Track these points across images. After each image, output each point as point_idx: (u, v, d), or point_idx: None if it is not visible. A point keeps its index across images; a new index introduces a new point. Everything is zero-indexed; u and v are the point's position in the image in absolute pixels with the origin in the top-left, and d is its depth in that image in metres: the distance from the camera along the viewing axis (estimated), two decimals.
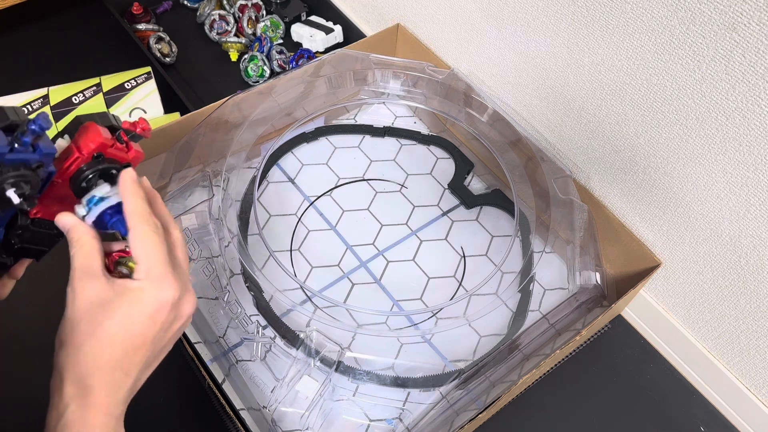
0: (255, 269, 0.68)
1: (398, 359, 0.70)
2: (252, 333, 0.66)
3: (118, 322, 0.41)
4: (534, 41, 0.73)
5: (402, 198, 0.84)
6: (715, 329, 0.72)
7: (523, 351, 0.68)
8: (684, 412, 0.75)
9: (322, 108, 0.86)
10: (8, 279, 0.49)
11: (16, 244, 0.45)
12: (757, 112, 0.54)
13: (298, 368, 0.65)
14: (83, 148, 0.44)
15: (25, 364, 0.73)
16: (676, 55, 0.58)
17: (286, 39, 1.09)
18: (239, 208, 0.78)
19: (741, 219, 0.62)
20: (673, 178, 0.66)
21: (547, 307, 0.75)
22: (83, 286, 0.42)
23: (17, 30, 1.07)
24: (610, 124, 0.70)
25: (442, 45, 0.89)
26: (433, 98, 0.85)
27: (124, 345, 0.42)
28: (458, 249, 0.80)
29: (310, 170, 0.86)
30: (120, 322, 0.41)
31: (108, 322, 0.41)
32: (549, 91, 0.75)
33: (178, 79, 1.02)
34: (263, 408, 0.64)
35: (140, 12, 1.06)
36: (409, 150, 0.89)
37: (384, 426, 0.66)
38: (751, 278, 0.65)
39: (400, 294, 0.75)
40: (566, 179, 0.76)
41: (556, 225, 0.76)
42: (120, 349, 0.42)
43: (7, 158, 0.38)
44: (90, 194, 0.45)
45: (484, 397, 0.65)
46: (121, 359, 0.42)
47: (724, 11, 0.52)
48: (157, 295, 0.42)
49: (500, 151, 0.80)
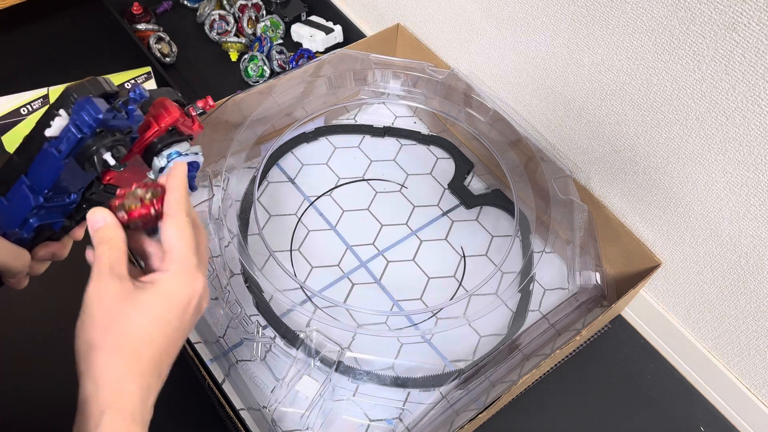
0: (255, 269, 0.68)
1: (398, 359, 0.70)
2: (252, 333, 0.66)
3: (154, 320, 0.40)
4: (534, 41, 0.73)
5: (402, 198, 0.84)
6: (715, 329, 0.72)
7: (523, 351, 0.68)
8: (684, 412, 0.75)
9: (322, 108, 0.86)
10: (68, 239, 0.50)
11: (87, 207, 0.46)
12: (757, 112, 0.54)
13: (298, 368, 0.65)
14: (162, 123, 0.48)
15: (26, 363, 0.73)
16: (676, 55, 0.58)
17: (286, 39, 1.09)
18: (239, 208, 0.78)
19: (741, 219, 0.62)
20: (673, 178, 0.66)
21: (547, 307, 0.76)
22: (113, 285, 0.41)
23: (17, 30, 1.07)
24: (610, 124, 0.70)
25: (442, 45, 0.89)
26: (433, 98, 0.85)
27: (160, 344, 0.40)
28: (458, 249, 0.80)
29: (310, 170, 0.86)
30: (155, 320, 0.40)
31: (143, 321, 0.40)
32: (549, 91, 0.75)
33: (178, 79, 1.02)
34: (263, 408, 0.64)
35: (140, 12, 1.06)
36: (409, 150, 0.89)
37: (384, 426, 0.66)
38: (751, 278, 0.65)
39: (400, 294, 0.75)
40: (566, 179, 0.76)
41: (556, 225, 0.76)
42: (157, 349, 0.40)
43: (110, 124, 0.42)
44: (171, 149, 0.48)
45: (484, 397, 0.65)
46: (159, 361, 0.41)
47: (724, 11, 0.52)
48: (189, 286, 0.42)
49: (500, 151, 0.80)
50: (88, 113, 0.41)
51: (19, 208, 0.44)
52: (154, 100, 0.48)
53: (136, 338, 0.40)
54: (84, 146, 0.42)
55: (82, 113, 0.41)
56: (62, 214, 0.47)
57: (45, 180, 0.43)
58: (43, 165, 0.43)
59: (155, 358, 0.40)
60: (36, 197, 0.44)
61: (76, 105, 0.41)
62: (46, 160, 0.43)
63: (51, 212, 0.46)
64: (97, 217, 0.43)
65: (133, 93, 0.44)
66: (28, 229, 0.45)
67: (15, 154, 0.44)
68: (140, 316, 0.40)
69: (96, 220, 0.43)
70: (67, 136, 0.42)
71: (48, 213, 0.45)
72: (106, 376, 0.39)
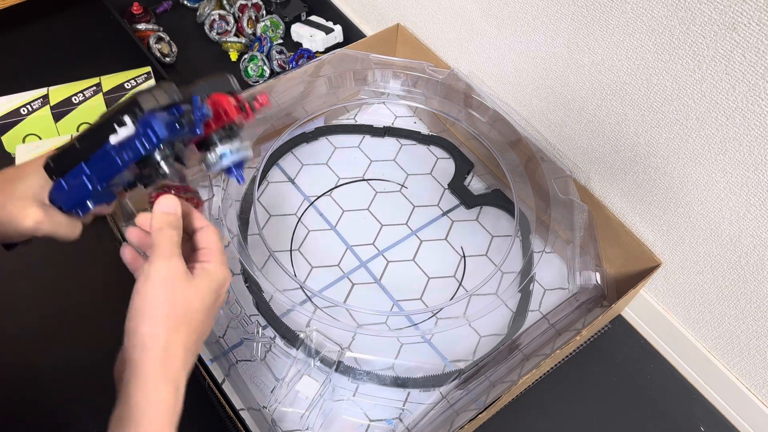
0: (255, 269, 0.68)
1: (398, 359, 0.70)
2: (252, 333, 0.66)
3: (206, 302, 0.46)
4: (534, 41, 0.73)
5: (402, 198, 0.84)
6: (715, 329, 0.72)
7: (523, 351, 0.68)
8: (684, 412, 0.75)
9: (322, 108, 0.86)
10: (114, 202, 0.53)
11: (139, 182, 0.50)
12: (757, 112, 0.54)
13: (298, 368, 0.65)
14: (218, 122, 0.49)
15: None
16: (676, 55, 0.58)
17: (286, 39, 1.09)
18: (239, 208, 0.78)
19: (741, 219, 0.62)
20: (673, 178, 0.66)
21: (547, 307, 0.75)
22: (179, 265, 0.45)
23: (17, 30, 1.07)
24: (610, 124, 0.70)
25: (442, 45, 0.89)
26: (433, 98, 0.85)
27: (202, 322, 0.46)
28: (458, 249, 0.80)
29: (310, 170, 0.86)
30: (207, 303, 0.46)
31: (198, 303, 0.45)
32: (549, 91, 0.75)
33: (178, 79, 1.02)
34: (263, 408, 0.64)
35: (140, 12, 1.06)
36: (409, 150, 0.89)
37: (384, 426, 0.66)
38: (751, 278, 0.65)
39: (400, 294, 0.75)
40: (566, 179, 0.76)
41: (556, 225, 0.76)
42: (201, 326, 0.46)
43: (174, 137, 0.45)
44: (224, 147, 0.50)
45: (484, 397, 0.65)
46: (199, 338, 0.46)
47: (724, 11, 0.52)
48: (222, 274, 0.48)
49: (500, 151, 0.80)
50: (154, 131, 0.44)
51: (77, 193, 0.48)
52: (211, 98, 0.50)
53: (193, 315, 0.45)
54: (146, 156, 0.45)
55: (148, 131, 0.44)
56: (115, 196, 0.51)
57: (104, 176, 0.47)
58: (104, 162, 0.46)
59: (200, 337, 0.46)
60: (94, 187, 0.47)
61: (143, 121, 0.44)
62: (107, 159, 0.46)
63: (106, 195, 0.49)
64: (169, 203, 0.48)
65: (199, 112, 0.46)
66: (84, 211, 0.49)
67: (77, 141, 0.47)
68: (196, 299, 0.45)
69: (168, 205, 0.48)
70: (132, 148, 0.45)
71: (103, 196, 0.49)
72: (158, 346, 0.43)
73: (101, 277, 0.80)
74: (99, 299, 0.78)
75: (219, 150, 0.50)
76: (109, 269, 0.79)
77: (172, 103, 0.46)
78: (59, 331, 0.75)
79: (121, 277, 0.49)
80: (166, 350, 0.43)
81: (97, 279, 0.79)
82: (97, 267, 0.80)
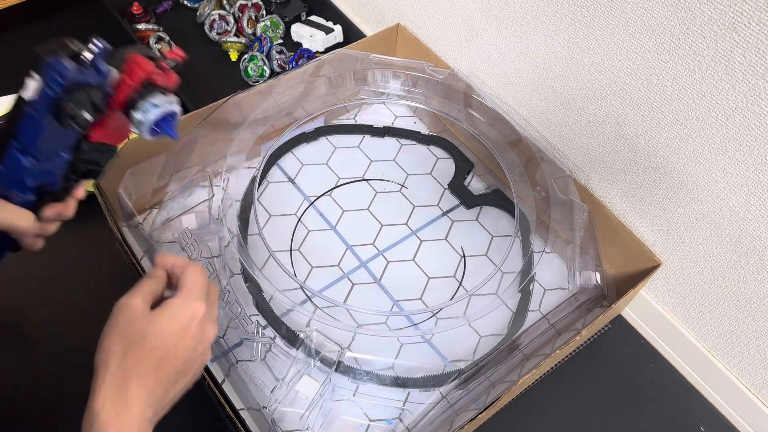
0: (255, 269, 0.68)
1: (398, 359, 0.70)
2: (252, 333, 0.66)
3: (159, 331, 0.47)
4: (534, 41, 0.73)
5: (402, 198, 0.84)
6: (715, 329, 0.72)
7: (523, 351, 0.68)
8: (684, 412, 0.75)
9: (322, 108, 0.86)
10: (72, 199, 0.55)
11: (82, 167, 0.51)
12: (757, 112, 0.54)
13: (298, 368, 0.65)
14: (134, 77, 0.49)
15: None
16: (676, 55, 0.58)
17: (286, 39, 1.09)
18: (239, 208, 0.78)
19: (741, 219, 0.62)
20: (673, 178, 0.66)
21: (547, 307, 0.75)
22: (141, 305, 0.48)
23: (17, 30, 1.07)
24: (610, 124, 0.70)
25: (442, 45, 0.89)
26: (433, 98, 0.85)
27: (159, 353, 0.46)
28: (458, 249, 0.80)
29: (310, 170, 0.86)
30: (159, 332, 0.47)
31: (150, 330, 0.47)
32: (549, 91, 0.75)
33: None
34: (263, 408, 0.64)
35: (140, 12, 1.06)
36: (409, 150, 0.89)
37: (384, 426, 0.66)
38: (751, 278, 0.65)
39: (400, 294, 0.75)
40: (566, 179, 0.76)
41: (556, 225, 0.76)
42: (156, 356, 0.46)
43: (80, 80, 0.46)
44: (146, 101, 0.50)
45: (484, 397, 0.65)
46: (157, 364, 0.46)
47: (724, 11, 0.52)
48: (189, 308, 0.49)
49: (500, 151, 0.80)
50: (57, 72, 0.45)
51: (14, 171, 0.49)
52: (126, 57, 0.50)
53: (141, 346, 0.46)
54: (58, 103, 0.46)
55: (52, 72, 0.45)
56: (57, 173, 0.51)
57: (31, 140, 0.48)
58: (27, 127, 0.47)
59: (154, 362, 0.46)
60: (27, 158, 0.48)
61: (45, 66, 0.45)
62: (29, 122, 0.47)
63: (45, 172, 0.50)
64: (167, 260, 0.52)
65: (95, 47, 0.47)
66: (25, 190, 0.50)
67: (3, 122, 0.48)
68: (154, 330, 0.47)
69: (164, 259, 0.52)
70: (43, 96, 0.46)
71: (42, 173, 0.50)
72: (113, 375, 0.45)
73: (101, 277, 0.79)
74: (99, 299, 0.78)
75: (142, 105, 0.50)
76: (109, 269, 0.79)
77: (75, 52, 0.47)
78: (59, 330, 0.75)
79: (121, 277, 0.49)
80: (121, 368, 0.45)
81: (96, 279, 0.79)
82: (97, 267, 0.80)
